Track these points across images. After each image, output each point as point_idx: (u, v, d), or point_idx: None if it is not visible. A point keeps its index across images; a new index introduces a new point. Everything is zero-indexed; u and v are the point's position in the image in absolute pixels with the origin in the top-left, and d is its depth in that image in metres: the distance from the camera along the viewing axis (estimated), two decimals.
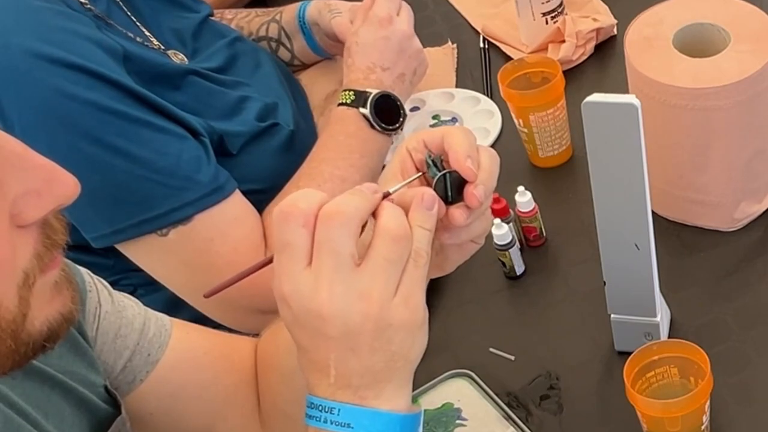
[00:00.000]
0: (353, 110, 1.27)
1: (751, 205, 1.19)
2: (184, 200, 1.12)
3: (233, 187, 1.17)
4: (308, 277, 0.70)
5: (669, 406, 0.93)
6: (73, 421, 0.81)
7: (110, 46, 1.12)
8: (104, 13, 1.20)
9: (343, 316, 0.69)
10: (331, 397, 0.72)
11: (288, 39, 1.50)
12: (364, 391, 0.71)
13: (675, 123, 1.13)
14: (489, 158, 0.79)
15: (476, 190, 0.76)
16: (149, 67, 1.17)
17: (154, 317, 0.93)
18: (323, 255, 0.69)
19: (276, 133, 1.29)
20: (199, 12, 1.38)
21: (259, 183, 1.24)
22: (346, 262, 0.69)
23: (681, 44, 1.13)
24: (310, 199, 0.71)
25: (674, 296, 1.12)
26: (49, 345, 0.64)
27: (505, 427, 1.05)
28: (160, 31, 1.29)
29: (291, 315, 0.71)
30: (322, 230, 0.70)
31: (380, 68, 1.30)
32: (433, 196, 0.74)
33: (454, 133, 0.79)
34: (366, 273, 0.70)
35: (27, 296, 0.61)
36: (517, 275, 1.22)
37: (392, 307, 0.70)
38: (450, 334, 1.17)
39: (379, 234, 0.70)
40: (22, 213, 0.59)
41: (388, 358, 0.71)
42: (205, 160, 1.15)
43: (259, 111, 1.28)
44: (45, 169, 0.60)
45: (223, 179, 1.16)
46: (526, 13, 1.48)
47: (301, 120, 1.36)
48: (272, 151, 1.27)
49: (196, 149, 1.15)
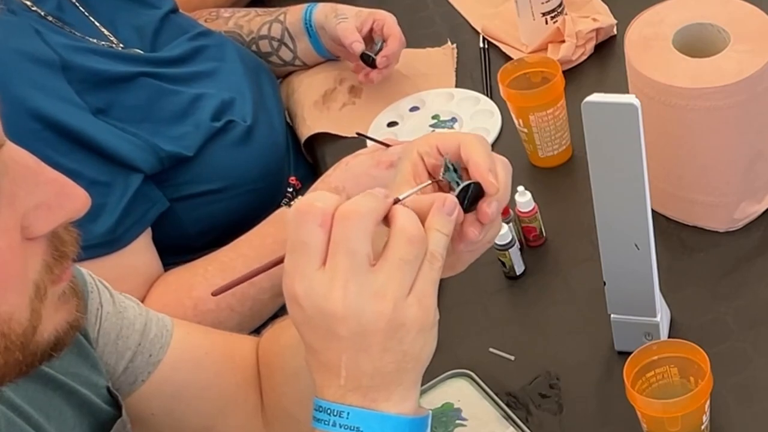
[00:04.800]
0: None
1: (751, 205, 1.19)
2: None
3: (134, 235, 1.15)
4: (323, 276, 0.70)
5: (669, 406, 0.93)
6: (75, 423, 0.81)
7: (45, 59, 1.10)
8: (54, 12, 1.18)
9: (357, 316, 0.69)
10: (341, 400, 0.71)
11: (291, 40, 1.50)
12: (374, 393, 0.71)
13: (675, 123, 1.13)
14: (504, 170, 0.79)
15: (490, 207, 0.77)
16: (93, 75, 1.16)
17: (156, 318, 0.93)
18: (339, 255, 0.69)
19: (231, 129, 1.28)
20: (160, 8, 1.36)
21: (217, 182, 1.24)
22: (362, 261, 0.69)
23: (681, 44, 1.14)
24: (326, 200, 0.71)
25: (674, 296, 1.12)
26: (56, 353, 0.64)
27: (505, 427, 1.05)
28: (119, 29, 1.28)
29: (302, 315, 0.71)
30: (339, 230, 0.70)
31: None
32: (454, 202, 0.74)
33: (472, 144, 0.79)
34: (381, 273, 0.70)
35: (38, 308, 0.61)
36: (517, 275, 1.22)
37: (406, 306, 0.70)
38: (450, 334, 1.17)
39: (396, 235, 0.71)
40: (32, 226, 0.60)
41: (399, 358, 0.71)
42: (111, 208, 1.13)
43: (215, 109, 1.27)
44: (56, 183, 0.61)
45: (123, 228, 1.14)
46: (526, 13, 1.49)
47: (261, 114, 1.35)
48: (227, 149, 1.27)
49: (102, 196, 1.13)
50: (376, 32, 1.44)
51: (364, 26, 1.44)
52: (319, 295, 0.70)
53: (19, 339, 0.61)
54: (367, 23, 1.44)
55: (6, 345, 0.61)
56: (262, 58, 1.51)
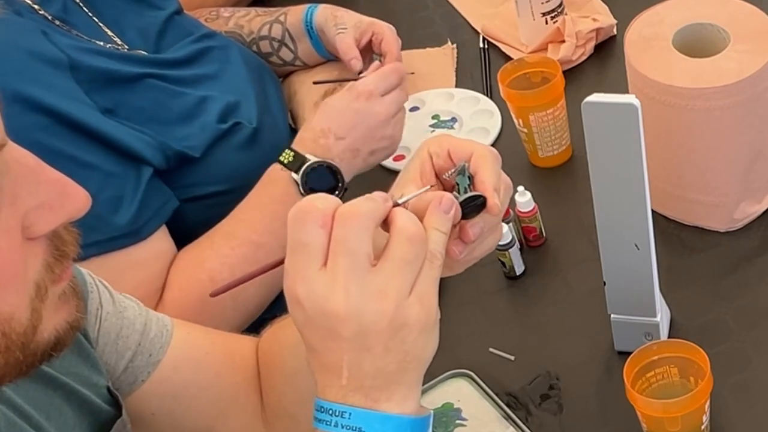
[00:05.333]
0: (286, 173, 1.21)
1: (751, 205, 1.19)
2: (89, 240, 1.10)
3: (154, 227, 1.15)
4: (324, 277, 0.70)
5: (669, 406, 0.93)
6: (75, 423, 0.81)
7: (53, 58, 1.10)
8: (59, 15, 1.18)
9: (358, 316, 0.69)
10: (342, 400, 0.71)
11: (292, 41, 1.49)
12: (376, 393, 0.71)
13: (675, 123, 1.13)
14: (505, 192, 0.80)
15: (473, 228, 0.78)
16: (100, 74, 1.16)
17: (156, 317, 0.93)
18: (339, 255, 0.69)
19: (237, 132, 1.27)
20: (165, 9, 1.36)
21: (223, 184, 1.23)
22: (363, 262, 0.69)
23: (681, 44, 1.14)
24: (326, 201, 0.71)
25: (674, 296, 1.12)
26: (56, 354, 0.65)
27: (505, 427, 1.05)
28: (124, 31, 1.27)
29: (304, 316, 0.71)
30: (340, 230, 0.70)
31: (334, 135, 1.23)
32: (451, 200, 0.74)
33: (485, 158, 0.79)
34: (382, 272, 0.70)
35: (39, 308, 0.62)
36: (517, 275, 1.22)
37: (407, 306, 0.70)
38: (450, 334, 1.17)
39: (396, 235, 0.71)
40: (33, 226, 0.61)
41: (401, 358, 0.71)
42: (128, 199, 1.13)
43: (221, 111, 1.27)
44: (58, 183, 0.61)
45: (143, 220, 1.13)
46: (526, 13, 1.49)
47: (266, 116, 1.34)
48: (235, 151, 1.26)
49: (118, 188, 1.12)
50: (374, 45, 1.43)
51: (363, 37, 1.43)
52: (320, 296, 0.70)
53: (20, 339, 0.61)
54: (366, 35, 1.43)
55: (6, 345, 0.61)
56: (262, 58, 1.51)
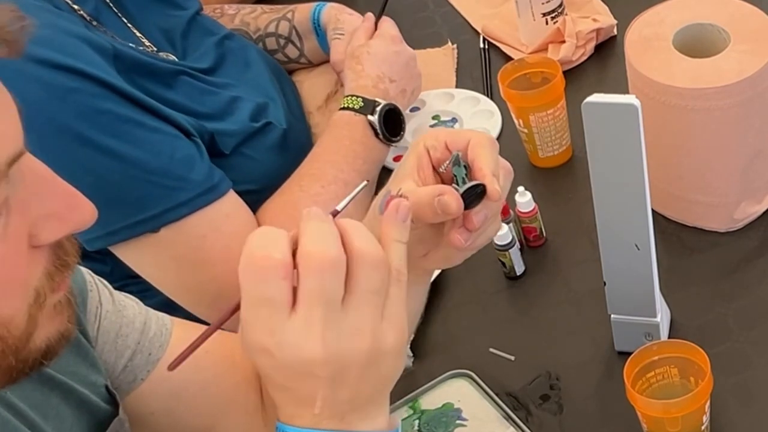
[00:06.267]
0: (361, 117, 1.28)
1: (751, 206, 1.19)
2: (178, 200, 1.11)
3: (227, 186, 1.17)
4: (295, 326, 0.67)
5: (669, 406, 0.93)
6: (73, 422, 0.81)
7: (100, 44, 1.11)
8: (92, 14, 1.18)
9: (337, 359, 0.68)
10: (315, 426, 0.70)
11: (299, 38, 1.50)
12: (350, 416, 0.71)
13: (675, 123, 1.13)
14: (505, 177, 0.80)
15: (477, 216, 0.77)
16: (140, 66, 1.17)
17: (155, 316, 0.93)
18: (314, 306, 0.67)
19: (269, 132, 1.28)
20: (188, 9, 1.37)
21: (252, 183, 1.24)
22: (335, 306, 0.68)
23: (681, 44, 1.14)
24: (279, 245, 0.68)
25: (674, 296, 1.12)
26: (45, 362, 0.66)
27: (505, 427, 1.05)
28: (151, 32, 1.28)
29: (272, 363, 0.69)
30: (310, 282, 0.67)
31: (388, 79, 1.34)
32: (408, 207, 0.73)
33: (482, 145, 0.79)
34: (353, 310, 0.68)
35: (36, 315, 0.63)
36: (517, 275, 1.22)
37: (382, 335, 0.70)
38: (450, 334, 1.17)
39: (358, 263, 0.68)
40: (40, 234, 0.62)
41: (377, 381, 0.71)
42: (198, 158, 1.15)
43: (252, 111, 1.28)
44: (68, 195, 0.63)
45: (217, 178, 1.15)
46: (526, 14, 1.49)
47: (292, 118, 1.36)
48: (265, 151, 1.27)
49: (188, 148, 1.14)
50: None
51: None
52: (294, 346, 0.68)
53: (15, 343, 0.62)
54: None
55: (2, 348, 0.62)
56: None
